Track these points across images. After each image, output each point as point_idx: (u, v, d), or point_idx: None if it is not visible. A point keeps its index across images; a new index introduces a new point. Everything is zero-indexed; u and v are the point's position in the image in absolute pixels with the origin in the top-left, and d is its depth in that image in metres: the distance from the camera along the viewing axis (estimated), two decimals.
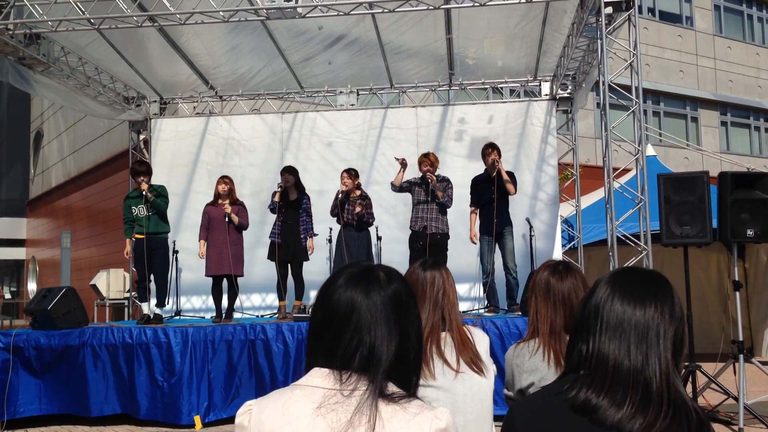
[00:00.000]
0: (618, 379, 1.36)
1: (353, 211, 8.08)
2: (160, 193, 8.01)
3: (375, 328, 1.36)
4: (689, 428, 1.34)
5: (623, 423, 1.33)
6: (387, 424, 1.30)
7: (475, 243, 8.16)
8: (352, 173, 8.27)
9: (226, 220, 8.02)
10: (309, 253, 8.14)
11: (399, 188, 8.17)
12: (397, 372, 1.37)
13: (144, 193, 7.80)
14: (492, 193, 7.90)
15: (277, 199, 8.02)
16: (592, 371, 1.39)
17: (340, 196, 8.12)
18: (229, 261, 7.96)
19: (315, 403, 1.32)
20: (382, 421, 1.30)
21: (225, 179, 8.27)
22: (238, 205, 8.19)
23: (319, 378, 1.36)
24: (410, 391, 1.40)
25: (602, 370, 1.38)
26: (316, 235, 8.25)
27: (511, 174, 8.11)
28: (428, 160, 7.98)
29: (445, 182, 8.09)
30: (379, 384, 1.33)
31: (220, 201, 8.15)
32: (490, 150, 8.08)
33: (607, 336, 1.40)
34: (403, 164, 8.06)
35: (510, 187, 7.94)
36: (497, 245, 8.07)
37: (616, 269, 1.52)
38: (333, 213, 8.21)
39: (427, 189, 7.96)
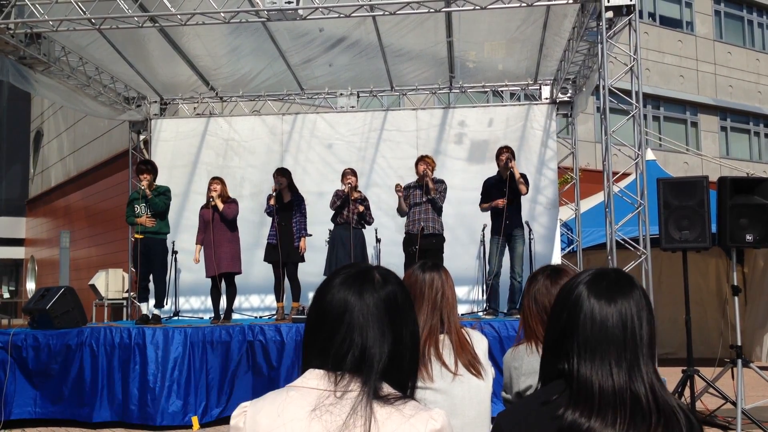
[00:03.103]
0: (605, 400, 1.34)
1: (354, 210, 8.10)
2: (162, 193, 8.04)
3: (367, 329, 1.36)
4: None
5: None
6: (382, 426, 1.29)
7: (502, 205, 7.95)
8: (355, 172, 8.32)
9: (212, 204, 8.04)
10: (301, 253, 8.14)
11: (404, 210, 8.16)
12: (392, 374, 1.36)
13: (143, 188, 7.88)
14: (504, 194, 7.92)
15: (272, 202, 8.04)
16: (576, 392, 1.37)
17: (346, 189, 8.13)
18: (226, 259, 7.99)
19: (310, 404, 1.32)
20: (377, 423, 1.29)
21: (215, 180, 8.28)
22: (230, 202, 8.20)
23: (314, 379, 1.36)
24: (406, 393, 1.39)
25: (587, 393, 1.36)
26: (309, 235, 8.26)
27: (523, 175, 8.12)
28: (425, 161, 8.07)
29: (440, 183, 8.12)
30: (373, 385, 1.33)
31: (212, 202, 8.16)
32: (504, 150, 8.11)
33: (587, 354, 1.38)
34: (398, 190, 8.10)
35: (522, 187, 7.97)
36: (507, 248, 8.08)
37: (589, 275, 1.48)
38: (333, 206, 8.20)
39: (423, 189, 7.99)
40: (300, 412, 1.32)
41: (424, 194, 8.02)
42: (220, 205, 8.04)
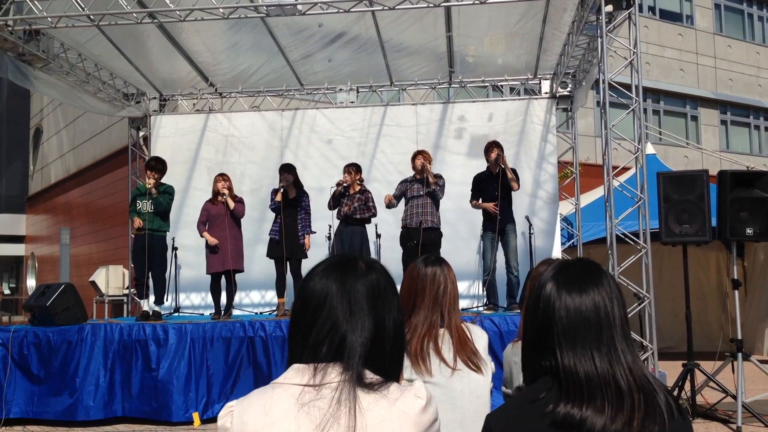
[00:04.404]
0: (592, 387, 1.36)
1: (345, 206, 8.12)
2: (166, 191, 8.04)
3: (348, 315, 1.36)
4: (661, 411, 1.35)
5: (607, 427, 1.33)
6: (367, 414, 1.29)
7: (495, 211, 7.96)
8: (352, 169, 8.29)
9: (222, 200, 8.03)
10: (305, 250, 8.14)
11: (393, 204, 8.17)
12: (374, 362, 1.36)
13: (149, 187, 7.86)
14: (495, 190, 7.91)
15: (278, 198, 8.03)
16: (565, 384, 1.38)
17: (336, 189, 8.13)
18: (233, 257, 7.99)
19: (296, 400, 1.31)
20: (362, 410, 1.29)
21: (223, 176, 8.27)
22: (237, 201, 8.22)
23: (298, 375, 1.35)
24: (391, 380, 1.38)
25: (575, 384, 1.37)
26: (313, 233, 8.27)
27: (513, 171, 8.12)
28: (422, 156, 8.09)
29: (439, 178, 8.12)
30: (356, 373, 1.32)
31: (219, 198, 8.15)
32: (493, 147, 8.11)
33: (568, 344, 1.39)
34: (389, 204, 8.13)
35: (513, 183, 7.97)
36: (500, 243, 8.08)
37: (555, 269, 1.49)
38: (329, 207, 8.25)
39: (422, 182, 7.98)
40: (287, 408, 1.31)
41: (423, 187, 8.01)
42: (232, 204, 8.05)
